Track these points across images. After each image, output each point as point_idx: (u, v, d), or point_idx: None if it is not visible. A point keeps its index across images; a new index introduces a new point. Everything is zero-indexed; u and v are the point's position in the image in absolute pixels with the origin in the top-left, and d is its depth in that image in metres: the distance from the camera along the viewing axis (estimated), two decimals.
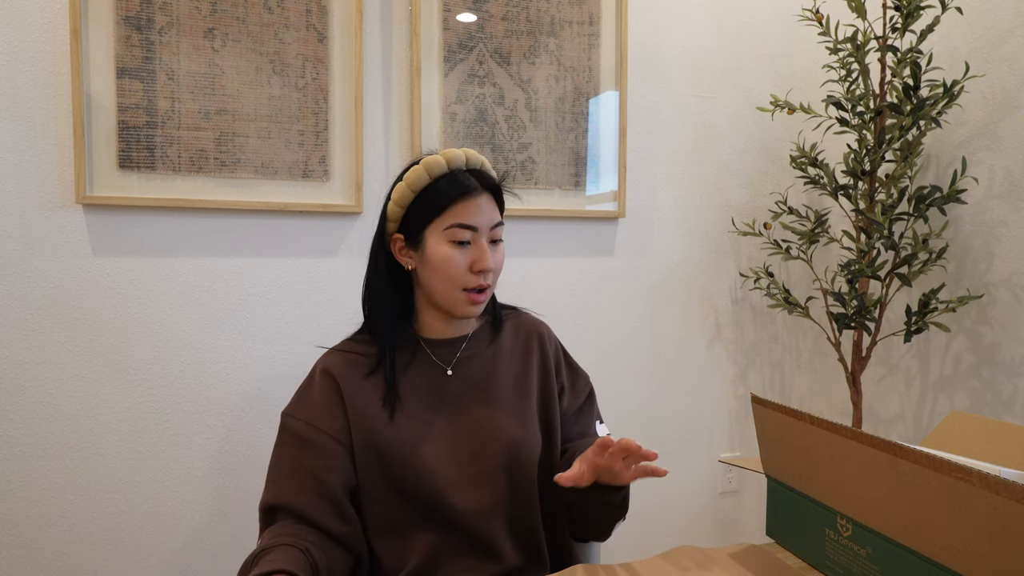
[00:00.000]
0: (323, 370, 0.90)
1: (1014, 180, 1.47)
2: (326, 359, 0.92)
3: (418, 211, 0.87)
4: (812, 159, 1.66)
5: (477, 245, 0.87)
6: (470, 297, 0.88)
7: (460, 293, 0.87)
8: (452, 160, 0.87)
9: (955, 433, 0.87)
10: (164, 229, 1.35)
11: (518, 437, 0.90)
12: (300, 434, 0.86)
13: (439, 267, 0.86)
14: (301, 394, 0.91)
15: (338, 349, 0.93)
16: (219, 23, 1.35)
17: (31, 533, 1.30)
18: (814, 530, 0.75)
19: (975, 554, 0.55)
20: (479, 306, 0.89)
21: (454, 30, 1.53)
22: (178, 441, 1.38)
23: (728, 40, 1.84)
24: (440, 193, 0.86)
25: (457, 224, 0.86)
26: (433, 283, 0.88)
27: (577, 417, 1.00)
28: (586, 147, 1.67)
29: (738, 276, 1.89)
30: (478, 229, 0.87)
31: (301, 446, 0.85)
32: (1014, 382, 1.48)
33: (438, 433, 0.88)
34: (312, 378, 0.91)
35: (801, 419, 0.73)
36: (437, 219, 0.86)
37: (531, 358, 0.97)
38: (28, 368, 1.28)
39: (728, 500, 1.94)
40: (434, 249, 0.86)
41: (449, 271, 0.86)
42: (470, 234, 0.86)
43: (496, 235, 0.89)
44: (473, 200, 0.86)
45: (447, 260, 0.86)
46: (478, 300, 0.88)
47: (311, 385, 0.91)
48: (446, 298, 0.88)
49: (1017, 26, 1.46)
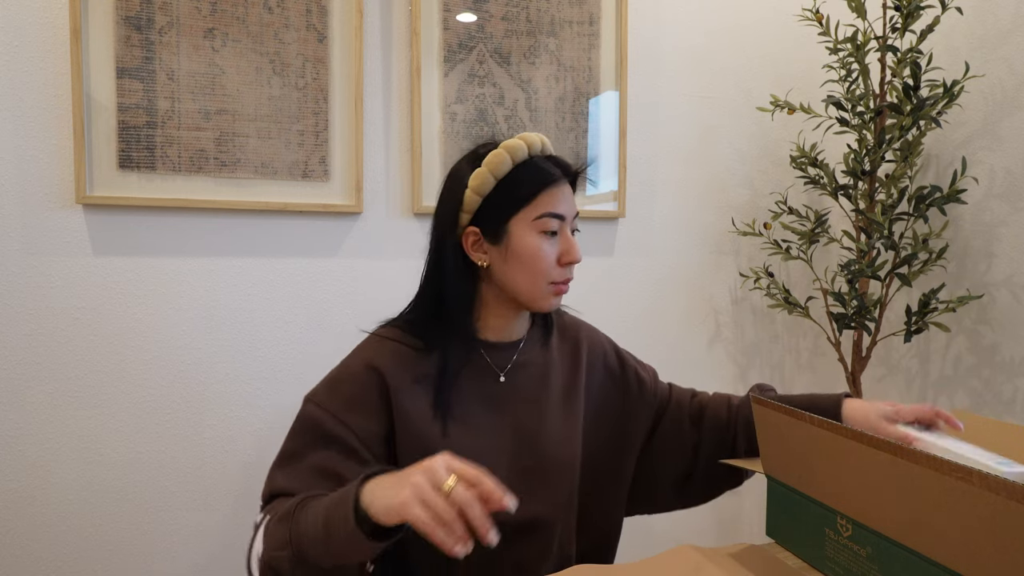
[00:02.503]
0: (369, 366, 0.80)
1: (1014, 180, 1.47)
2: (373, 349, 0.82)
3: (500, 200, 0.81)
4: (812, 159, 1.66)
5: (564, 236, 0.83)
6: (557, 289, 0.83)
7: (547, 287, 0.82)
8: (532, 145, 0.82)
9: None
10: (164, 229, 1.35)
11: (566, 455, 0.87)
12: (326, 429, 0.77)
13: (528, 261, 0.80)
14: (335, 383, 0.81)
15: (389, 338, 0.84)
16: (219, 23, 1.35)
17: (31, 533, 1.30)
18: (814, 530, 0.75)
19: (975, 554, 0.55)
20: (560, 299, 0.86)
21: (454, 30, 1.53)
22: (178, 441, 1.38)
23: (728, 40, 1.84)
24: (527, 180, 0.81)
25: (548, 213, 0.80)
26: (517, 278, 0.82)
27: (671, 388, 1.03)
28: (586, 147, 1.67)
29: (738, 276, 1.89)
30: (566, 218, 0.82)
31: (325, 443, 0.77)
32: (1014, 382, 1.48)
33: (491, 447, 0.83)
34: (351, 369, 0.81)
35: (801, 419, 0.73)
36: (525, 208, 0.80)
37: (579, 365, 0.93)
38: (28, 368, 1.28)
39: (728, 500, 1.94)
40: (521, 241, 0.80)
41: (539, 264, 0.81)
42: (558, 224, 0.82)
43: (575, 225, 0.86)
44: (560, 188, 0.82)
45: (537, 252, 0.80)
46: (563, 291, 0.84)
47: (349, 377, 0.81)
48: (530, 293, 0.82)
49: (1017, 26, 1.46)
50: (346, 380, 0.81)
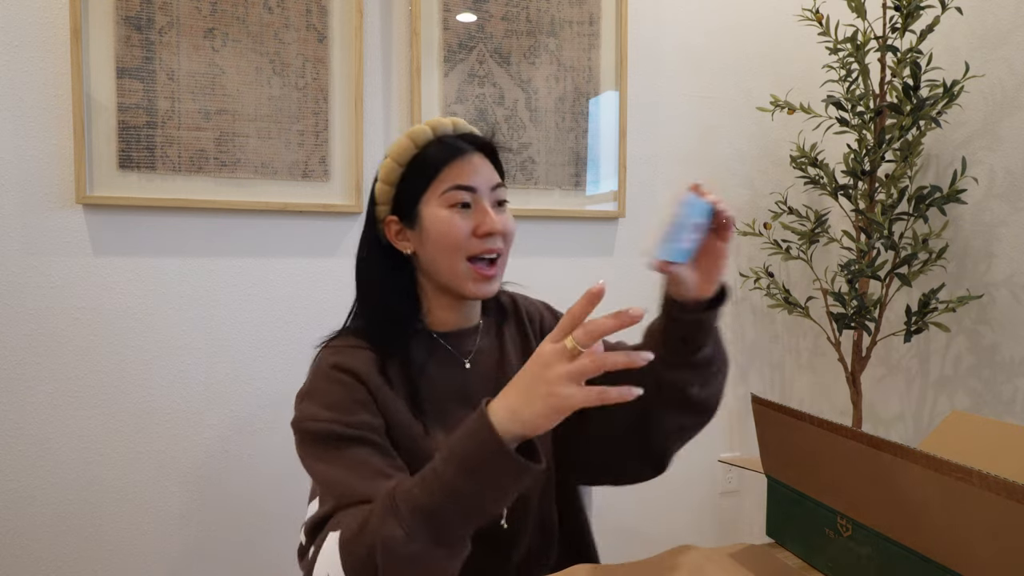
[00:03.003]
0: (337, 367, 0.76)
1: (1014, 180, 1.47)
2: (333, 357, 0.78)
3: (409, 184, 0.80)
4: (812, 159, 1.66)
5: (479, 207, 0.79)
6: (477, 271, 0.78)
7: (465, 265, 0.78)
8: (438, 126, 0.81)
9: (955, 433, 0.87)
10: (164, 229, 1.35)
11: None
12: (335, 432, 0.70)
13: (440, 237, 0.77)
14: (312, 397, 0.75)
15: (344, 345, 0.80)
16: (219, 23, 1.35)
17: (31, 533, 1.30)
18: (814, 530, 0.75)
19: (975, 554, 0.55)
20: (490, 283, 0.79)
21: (454, 30, 1.53)
22: (178, 441, 1.38)
23: (728, 40, 1.84)
24: (431, 158, 0.79)
25: (455, 186, 0.77)
26: (436, 259, 0.79)
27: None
28: (586, 147, 1.67)
29: (738, 276, 1.89)
30: (477, 189, 0.79)
31: (345, 445, 0.70)
32: (1014, 382, 1.47)
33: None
34: (321, 379, 0.76)
35: (801, 419, 0.73)
36: (431, 186, 0.78)
37: (528, 342, 0.90)
38: (27, 368, 1.28)
39: (728, 500, 1.94)
40: (432, 218, 0.78)
41: (450, 239, 0.77)
42: (469, 195, 0.78)
43: (499, 196, 0.81)
44: (467, 159, 0.79)
45: (447, 225, 0.77)
46: (487, 274, 0.79)
47: (323, 386, 0.75)
48: (451, 272, 0.78)
49: (1017, 26, 1.46)
50: (321, 390, 0.75)
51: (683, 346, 0.76)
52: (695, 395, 0.78)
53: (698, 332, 0.75)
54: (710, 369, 0.79)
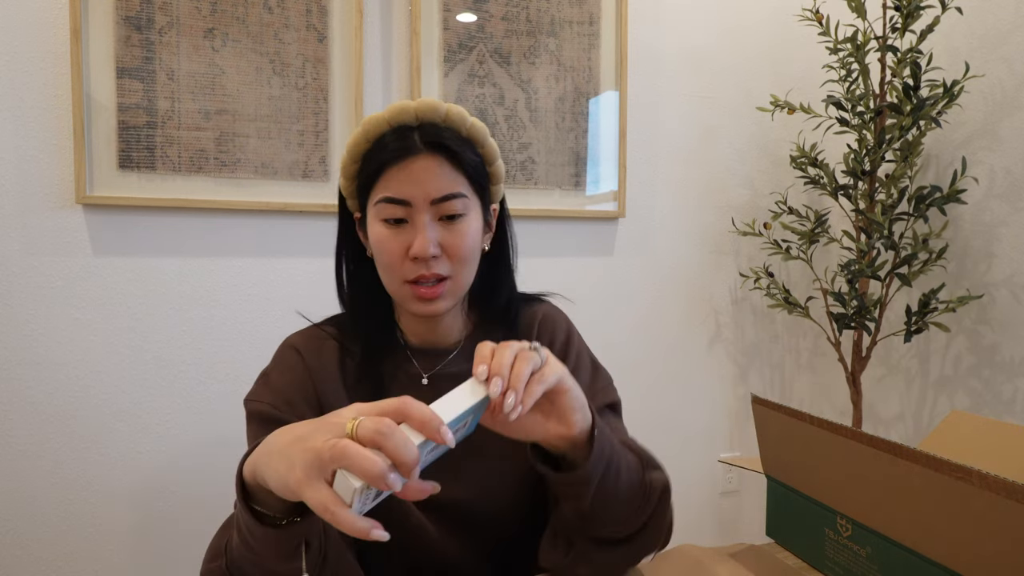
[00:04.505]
0: (293, 346, 0.75)
1: (1014, 180, 1.47)
2: (298, 337, 0.77)
3: (359, 185, 0.71)
4: (812, 159, 1.66)
5: (413, 224, 0.67)
6: (416, 293, 0.68)
7: (404, 287, 0.69)
8: (397, 115, 0.67)
9: (955, 433, 0.87)
10: (164, 229, 1.35)
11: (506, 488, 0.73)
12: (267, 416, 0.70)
13: (376, 254, 0.70)
14: (264, 377, 0.75)
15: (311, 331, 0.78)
16: (219, 23, 1.35)
17: (31, 533, 1.30)
18: (814, 530, 0.75)
19: (975, 554, 0.55)
20: (435, 303, 0.69)
21: (454, 30, 1.53)
22: (178, 441, 1.38)
23: (728, 40, 1.84)
24: (370, 159, 0.68)
25: (384, 199, 0.67)
26: (381, 275, 0.72)
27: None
28: (586, 147, 1.67)
29: (738, 276, 1.89)
30: (411, 203, 0.67)
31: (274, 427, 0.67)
32: (1014, 382, 1.47)
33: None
34: (278, 357, 0.76)
35: (801, 419, 0.73)
36: (371, 192, 0.69)
37: None
38: (28, 368, 1.28)
39: (728, 500, 1.94)
40: (371, 231, 0.70)
41: (383, 258, 0.69)
42: (403, 210, 0.67)
43: (448, 210, 0.67)
44: (405, 165, 0.66)
45: (380, 245, 0.68)
46: (425, 296, 0.68)
47: (274, 365, 0.76)
48: (394, 293, 0.71)
49: (1017, 26, 1.46)
50: (273, 372, 0.75)
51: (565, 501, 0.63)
52: (585, 550, 0.65)
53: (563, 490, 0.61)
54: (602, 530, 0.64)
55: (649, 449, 0.71)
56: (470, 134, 0.70)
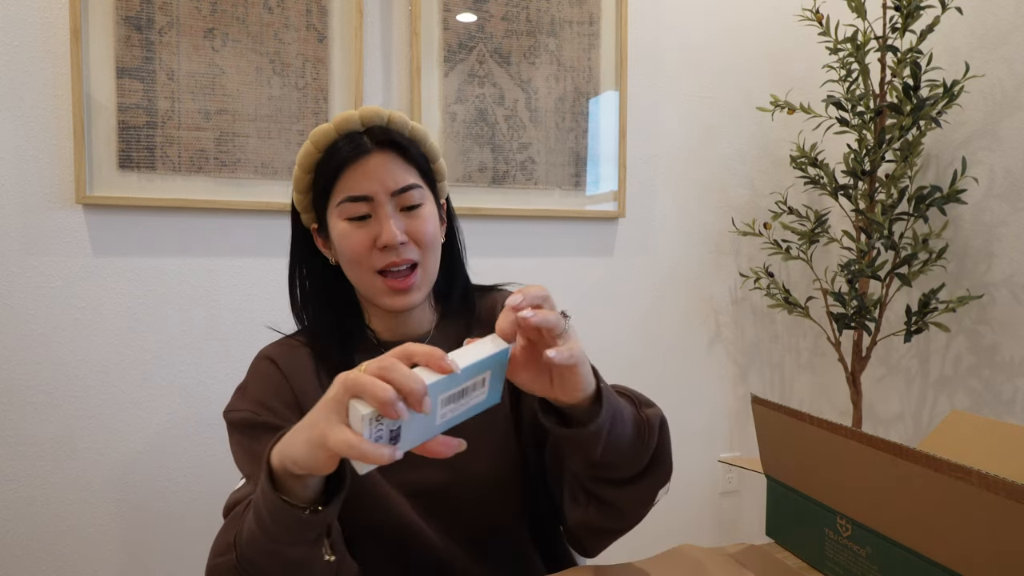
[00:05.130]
0: (267, 356, 0.78)
1: (1014, 180, 1.47)
2: (270, 348, 0.79)
3: (315, 195, 0.74)
4: (812, 159, 1.66)
5: (377, 217, 0.72)
6: (388, 285, 0.72)
7: (376, 279, 0.73)
8: (342, 123, 0.71)
9: (955, 433, 0.87)
10: (164, 229, 1.35)
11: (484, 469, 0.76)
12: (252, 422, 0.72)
13: (343, 252, 0.73)
14: (241, 390, 0.77)
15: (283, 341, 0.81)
16: (219, 23, 1.35)
17: (30, 533, 1.30)
18: (814, 530, 0.75)
19: (975, 554, 0.55)
20: (407, 295, 0.73)
21: (454, 30, 1.53)
22: (178, 441, 1.38)
23: (728, 40, 1.84)
24: (324, 167, 0.72)
25: (346, 198, 0.71)
26: (348, 274, 0.75)
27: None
28: (586, 147, 1.67)
29: (738, 276, 1.89)
30: (372, 198, 0.71)
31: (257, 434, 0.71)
32: (1014, 382, 1.47)
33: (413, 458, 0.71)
34: (253, 368, 0.78)
35: (801, 419, 0.73)
36: (330, 198, 0.72)
37: None
38: (28, 368, 1.28)
39: (728, 500, 1.94)
40: (334, 232, 0.73)
41: (351, 254, 0.72)
42: (366, 206, 0.71)
43: (407, 201, 0.72)
44: (362, 163, 0.71)
45: (346, 242, 0.72)
46: (398, 287, 0.72)
47: (251, 378, 0.77)
48: (366, 289, 0.75)
49: (1017, 26, 1.46)
50: (250, 383, 0.77)
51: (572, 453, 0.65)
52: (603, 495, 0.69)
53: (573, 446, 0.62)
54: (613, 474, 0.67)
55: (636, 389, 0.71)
56: (413, 134, 0.75)
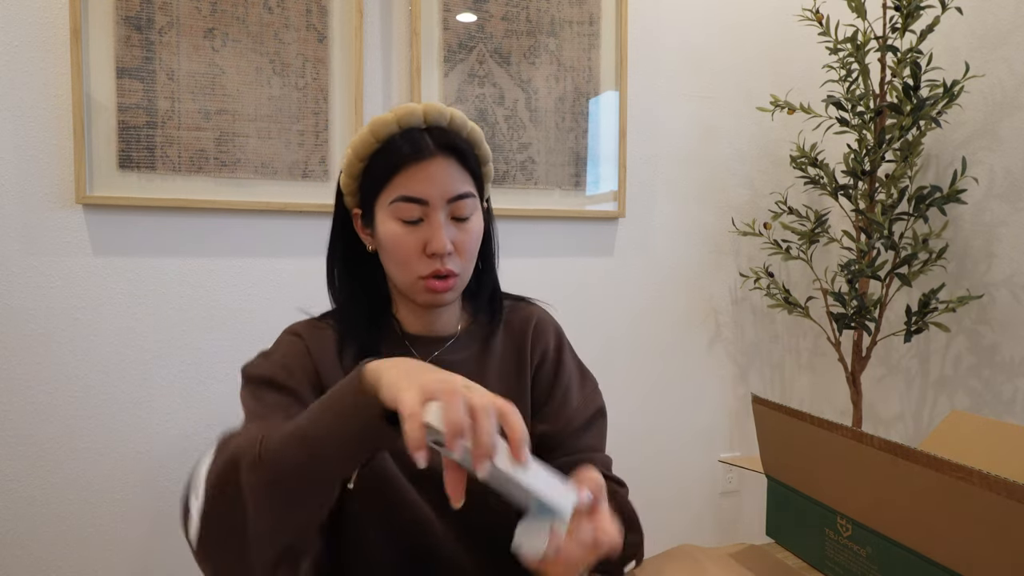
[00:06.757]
0: (295, 332, 0.78)
1: (1014, 180, 1.47)
2: (297, 325, 0.80)
3: (367, 183, 0.73)
4: (812, 159, 1.66)
5: (430, 222, 0.71)
6: (429, 285, 0.73)
7: (418, 281, 0.73)
8: (404, 117, 0.70)
9: (955, 433, 0.87)
10: (164, 229, 1.35)
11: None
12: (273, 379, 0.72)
13: (390, 250, 0.73)
14: (268, 354, 0.77)
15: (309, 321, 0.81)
16: (219, 23, 1.35)
17: (30, 533, 1.29)
18: (814, 530, 0.75)
19: (975, 554, 0.55)
20: (444, 295, 0.74)
21: (454, 30, 1.53)
22: (179, 441, 1.38)
23: (728, 40, 1.84)
24: (383, 160, 0.71)
25: (400, 197, 0.70)
26: (389, 268, 0.75)
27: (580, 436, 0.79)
28: (586, 147, 1.67)
29: (738, 276, 1.89)
30: (428, 202, 0.70)
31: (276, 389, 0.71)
32: (1014, 382, 1.47)
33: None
34: (280, 340, 0.79)
35: (801, 419, 0.73)
36: (383, 191, 0.72)
37: (524, 368, 0.81)
38: (28, 368, 1.28)
39: (728, 500, 1.94)
40: (382, 228, 0.73)
41: (399, 255, 0.72)
42: (420, 209, 0.71)
43: (460, 211, 0.72)
44: (423, 166, 0.70)
45: (395, 242, 0.72)
46: (438, 288, 0.73)
47: (277, 347, 0.78)
48: (404, 286, 0.75)
49: (1017, 26, 1.46)
50: (274, 351, 0.77)
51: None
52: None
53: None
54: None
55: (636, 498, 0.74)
56: (471, 137, 0.74)
